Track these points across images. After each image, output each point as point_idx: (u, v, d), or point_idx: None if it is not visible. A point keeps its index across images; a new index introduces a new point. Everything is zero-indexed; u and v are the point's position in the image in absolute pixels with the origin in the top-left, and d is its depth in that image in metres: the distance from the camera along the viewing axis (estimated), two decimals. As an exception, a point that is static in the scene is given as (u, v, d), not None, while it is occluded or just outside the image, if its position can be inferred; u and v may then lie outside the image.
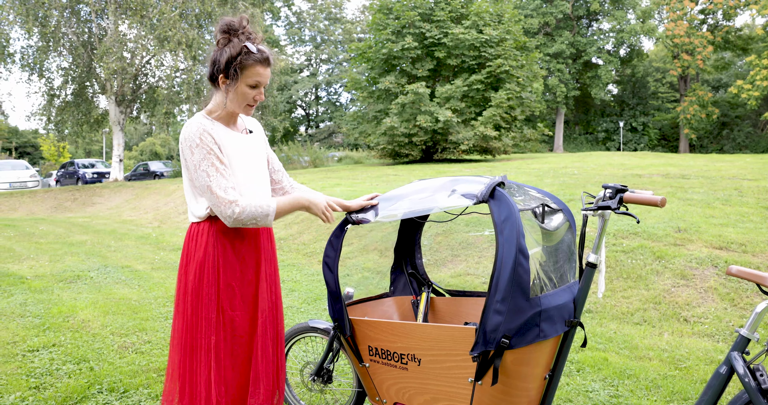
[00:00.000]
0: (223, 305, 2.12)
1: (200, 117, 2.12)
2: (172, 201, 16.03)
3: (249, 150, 2.21)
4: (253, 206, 2.02)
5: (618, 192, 1.94)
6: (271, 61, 2.10)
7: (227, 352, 2.12)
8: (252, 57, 2.05)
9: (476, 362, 1.94)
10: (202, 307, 2.11)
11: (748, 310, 4.72)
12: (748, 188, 9.16)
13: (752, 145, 40.05)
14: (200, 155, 2.03)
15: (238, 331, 2.14)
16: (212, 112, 2.16)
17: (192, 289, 2.12)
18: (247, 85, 2.07)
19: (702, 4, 40.23)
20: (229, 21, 2.08)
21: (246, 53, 2.04)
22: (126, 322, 4.86)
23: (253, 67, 2.05)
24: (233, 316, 2.14)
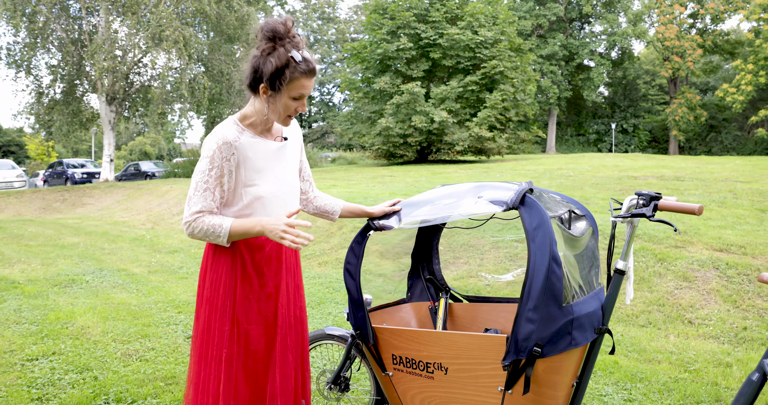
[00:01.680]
0: (239, 318, 2.06)
1: (231, 123, 2.04)
2: (166, 202, 15.90)
3: (280, 158, 2.12)
4: (206, 224, 1.96)
5: (652, 199, 1.93)
6: (316, 72, 2.00)
7: (239, 366, 2.06)
8: (298, 69, 1.94)
9: (507, 371, 1.92)
10: (216, 318, 2.06)
11: (751, 312, 4.75)
12: (742, 190, 9.23)
13: (739, 147, 40.47)
14: (204, 166, 1.99)
15: (252, 345, 2.07)
16: (247, 117, 2.07)
17: (207, 300, 2.08)
18: (291, 98, 1.98)
19: (691, 9, 40.57)
20: (274, 26, 1.96)
21: (293, 65, 1.93)
22: (127, 329, 4.75)
23: (299, 80, 1.96)
24: (248, 330, 2.07)
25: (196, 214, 1.97)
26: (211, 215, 1.99)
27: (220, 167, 1.98)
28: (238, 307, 2.06)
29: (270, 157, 2.09)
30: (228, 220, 1.99)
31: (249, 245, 2.08)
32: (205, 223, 1.97)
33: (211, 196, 1.99)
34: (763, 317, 4.62)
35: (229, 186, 2.02)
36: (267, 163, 2.07)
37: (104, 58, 21.00)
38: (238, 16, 21.76)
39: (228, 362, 2.04)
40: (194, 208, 1.97)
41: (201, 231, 1.97)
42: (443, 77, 24.82)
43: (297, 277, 2.25)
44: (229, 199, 2.06)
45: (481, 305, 2.74)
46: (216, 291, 2.06)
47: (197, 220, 1.97)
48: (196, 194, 1.98)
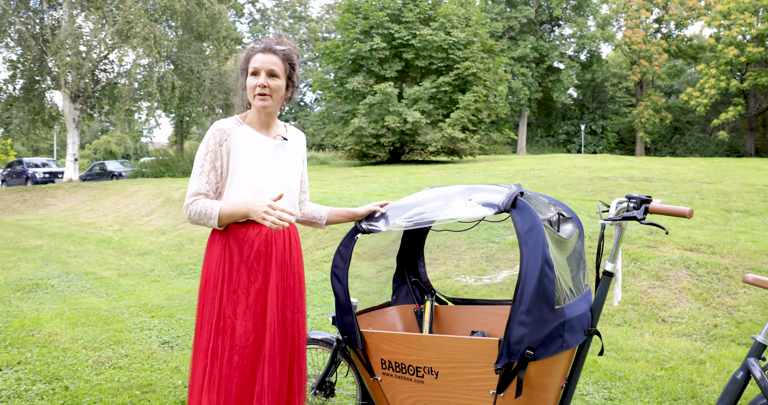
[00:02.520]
0: (225, 311, 2.10)
1: (231, 118, 2.20)
2: (134, 202, 15.55)
3: (278, 157, 2.22)
4: (200, 206, 2.09)
5: (643, 202, 1.95)
6: (273, 48, 2.13)
7: (224, 360, 2.07)
8: (254, 49, 2.16)
9: (499, 374, 1.92)
10: (205, 310, 2.13)
11: (720, 310, 4.86)
12: (708, 191, 9.47)
13: (702, 149, 41.56)
14: (202, 151, 2.14)
15: (239, 340, 2.08)
16: (245, 116, 2.24)
17: (199, 292, 2.18)
18: (250, 75, 2.14)
19: (657, 14, 41.53)
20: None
21: (251, 48, 2.17)
22: (98, 335, 4.58)
23: (253, 56, 2.15)
24: (235, 324, 2.10)
25: (192, 197, 2.11)
26: (206, 199, 2.12)
27: (214, 152, 2.11)
28: (225, 300, 2.10)
29: (266, 153, 2.19)
30: (219, 203, 2.10)
31: (238, 240, 2.13)
32: (199, 205, 2.09)
33: (206, 178, 2.12)
34: (732, 315, 4.74)
35: (222, 171, 2.13)
36: (263, 158, 2.17)
37: (68, 54, 20.42)
38: (209, 13, 21.43)
39: (213, 355, 2.08)
40: (191, 191, 2.12)
41: (196, 213, 2.09)
42: (416, 78, 24.89)
43: (294, 278, 2.23)
44: (224, 189, 2.15)
45: (467, 307, 2.73)
46: (206, 284, 2.14)
47: (194, 203, 2.10)
48: (194, 178, 2.13)
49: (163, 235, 10.83)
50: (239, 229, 2.13)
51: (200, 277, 2.22)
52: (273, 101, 2.16)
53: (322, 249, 8.00)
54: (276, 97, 2.16)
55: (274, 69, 2.12)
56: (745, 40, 35.14)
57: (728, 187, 9.81)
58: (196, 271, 7.56)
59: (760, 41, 34.99)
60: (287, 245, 2.21)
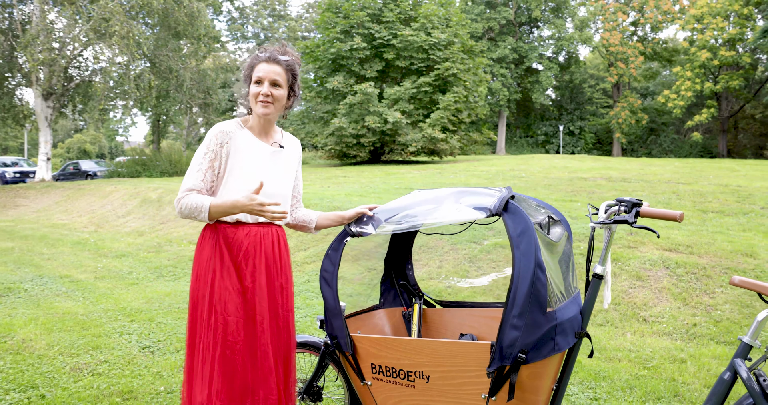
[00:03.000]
0: (217, 307, 2.14)
1: (232, 121, 2.27)
2: (110, 203, 15.29)
3: (274, 163, 2.29)
4: (192, 200, 2.13)
5: (634, 206, 1.96)
6: (277, 59, 2.22)
7: (216, 356, 2.12)
8: (258, 58, 2.24)
9: (491, 378, 1.91)
10: (197, 307, 2.17)
11: (699, 309, 4.94)
12: (684, 192, 9.64)
13: (676, 150, 42.29)
14: (202, 149, 2.21)
15: (231, 335, 2.14)
16: (247, 120, 2.32)
17: (192, 290, 2.21)
18: (254, 83, 2.23)
19: (633, 17, 42.16)
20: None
21: (255, 57, 2.25)
22: (76, 340, 4.44)
23: (257, 66, 2.23)
24: (227, 320, 2.14)
25: (185, 192, 2.16)
26: (198, 194, 2.17)
27: (214, 152, 2.19)
28: (216, 296, 2.15)
29: (263, 159, 2.26)
30: (208, 199, 2.15)
31: (228, 239, 2.20)
32: (190, 199, 2.14)
33: (202, 176, 2.18)
34: (710, 314, 4.81)
35: (219, 171, 2.20)
36: (259, 163, 2.24)
37: (39, 51, 19.94)
38: (188, 11, 21.15)
39: (205, 351, 2.13)
40: (185, 186, 2.17)
41: (187, 207, 2.14)
42: (397, 78, 24.91)
43: (283, 277, 2.27)
44: (218, 189, 2.21)
45: (455, 310, 2.73)
46: (197, 280, 2.20)
47: (186, 197, 2.15)
48: (190, 174, 2.19)
49: (141, 237, 10.67)
50: (229, 228, 2.20)
51: (191, 274, 2.26)
52: (274, 109, 2.24)
53: (304, 250, 7.95)
54: (278, 106, 2.26)
55: (277, 79, 2.21)
56: (718, 43, 35.86)
57: (704, 188, 9.99)
58: (176, 273, 7.46)
59: (731, 45, 35.75)
60: (275, 246, 2.27)
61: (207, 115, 26.51)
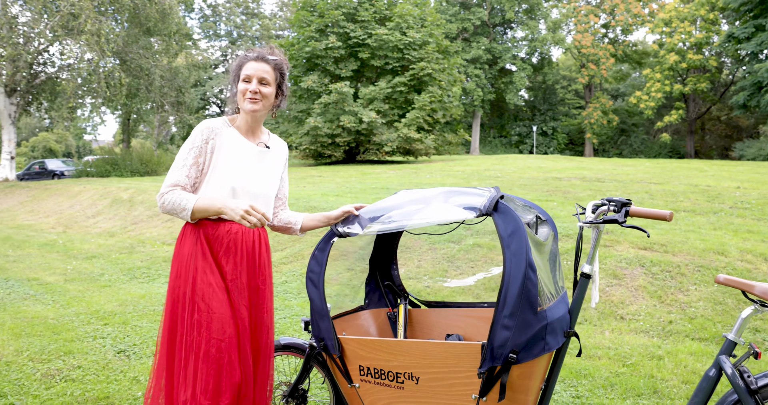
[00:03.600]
0: (199, 305, 2.11)
1: (221, 119, 2.27)
2: (78, 203, 14.92)
3: (259, 163, 2.28)
4: (176, 196, 2.12)
5: (623, 206, 1.97)
6: (265, 58, 2.24)
7: (200, 354, 2.09)
8: (247, 57, 2.26)
9: (482, 378, 1.90)
10: (177, 305, 2.14)
11: (674, 306, 5.02)
12: (657, 191, 9.82)
13: (646, 150, 43.18)
14: (188, 145, 2.20)
15: (215, 333, 2.11)
16: (234, 119, 2.31)
17: (172, 287, 2.17)
18: (242, 81, 2.23)
19: (604, 19, 42.91)
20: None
21: (243, 56, 2.27)
22: (46, 345, 4.29)
23: (246, 65, 2.24)
24: (211, 318, 2.11)
25: (170, 187, 2.15)
26: (183, 190, 2.15)
27: (199, 148, 2.18)
28: (199, 293, 2.11)
29: (249, 158, 2.25)
30: (195, 196, 2.14)
31: (209, 236, 2.17)
32: (174, 195, 2.13)
33: (187, 172, 2.17)
34: (685, 311, 4.90)
35: (203, 168, 2.18)
36: (245, 162, 2.23)
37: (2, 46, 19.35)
38: (159, 8, 20.78)
39: (188, 349, 2.10)
40: (170, 181, 2.16)
41: (170, 202, 2.12)
42: (372, 77, 24.88)
43: (260, 277, 2.24)
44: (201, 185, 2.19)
45: (441, 310, 2.72)
46: (177, 279, 2.16)
47: (169, 193, 2.14)
48: (175, 169, 2.17)
49: (112, 238, 10.44)
50: (210, 225, 2.18)
51: (170, 272, 2.22)
52: (262, 106, 2.24)
53: (281, 250, 7.87)
54: (266, 103, 2.25)
55: (265, 77, 2.22)
56: (686, 47, 36.74)
57: (675, 188, 10.18)
58: (150, 274, 7.31)
59: (698, 49, 36.65)
60: (256, 246, 2.25)
61: (180, 113, 26.09)
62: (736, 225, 6.94)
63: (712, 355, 3.99)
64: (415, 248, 6.99)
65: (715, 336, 4.36)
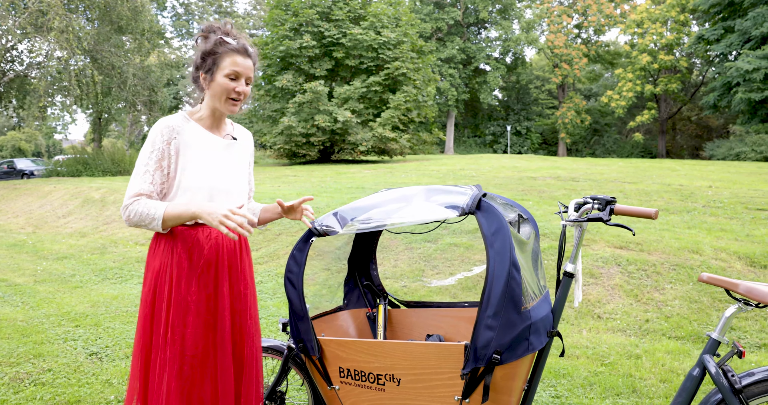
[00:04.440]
0: (174, 321, 1.96)
1: (178, 115, 2.05)
2: (49, 203, 14.58)
3: (225, 156, 2.10)
4: (141, 206, 1.93)
5: (608, 204, 1.95)
6: (249, 52, 2.03)
7: (173, 373, 1.95)
8: (228, 46, 1.99)
9: (464, 380, 1.87)
10: (153, 321, 1.99)
11: (650, 305, 5.07)
12: (630, 190, 9.94)
13: (619, 150, 43.84)
14: (147, 148, 1.98)
15: (188, 350, 1.97)
16: (195, 112, 2.09)
17: (144, 301, 2.01)
18: (226, 76, 1.98)
19: (577, 20, 43.48)
20: (210, 24, 2.05)
21: (221, 43, 1.99)
22: (15, 348, 4.18)
23: (230, 56, 1.98)
24: (184, 333, 1.97)
25: (133, 197, 1.95)
26: (149, 199, 1.96)
27: (161, 150, 1.96)
28: (174, 309, 1.97)
29: (216, 153, 2.07)
30: (164, 203, 1.95)
31: (187, 244, 2.00)
32: (140, 205, 1.94)
33: (150, 178, 1.96)
34: (661, 309, 4.94)
35: (169, 171, 1.98)
36: (212, 158, 2.05)
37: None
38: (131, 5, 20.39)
39: (161, 368, 1.96)
40: (132, 191, 1.96)
41: (136, 214, 1.93)
42: (346, 77, 24.79)
43: (245, 284, 2.12)
44: (170, 190, 2.00)
45: (420, 311, 2.68)
46: (153, 293, 1.99)
47: (134, 204, 1.94)
48: (136, 177, 1.97)
49: (84, 238, 10.20)
50: (187, 231, 2.00)
51: (143, 285, 2.05)
52: (239, 106, 2.08)
53: (255, 250, 7.76)
54: (243, 103, 2.10)
55: (250, 76, 2.05)
56: (657, 48, 37.41)
57: (648, 187, 10.33)
58: (122, 275, 7.15)
59: (669, 50, 37.35)
60: (237, 249, 2.12)
61: (152, 112, 25.65)
62: (709, 224, 7.05)
63: (690, 354, 4.02)
64: (391, 248, 6.95)
65: (691, 334, 4.41)
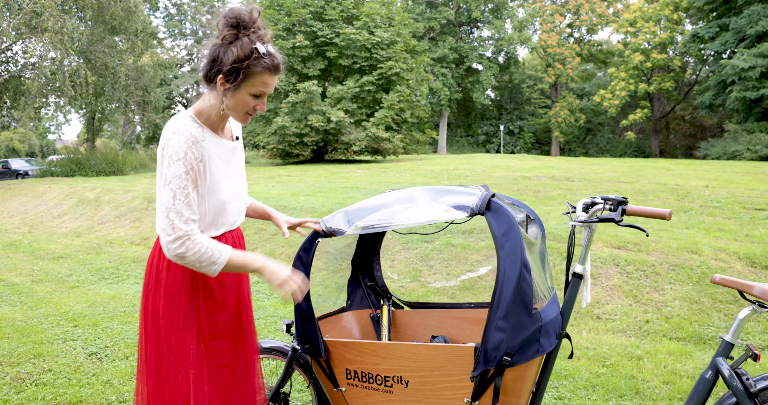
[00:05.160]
0: (204, 334, 1.86)
1: (189, 120, 1.81)
2: (44, 203, 14.49)
3: (234, 160, 1.96)
4: (204, 247, 1.72)
5: (620, 204, 1.94)
6: (280, 69, 1.83)
7: (212, 387, 1.86)
8: (262, 63, 1.75)
9: (474, 382, 1.86)
10: (177, 336, 1.83)
11: (650, 306, 5.07)
12: (626, 190, 9.96)
13: (612, 149, 43.99)
14: (177, 171, 1.72)
15: (220, 361, 1.89)
16: (202, 113, 1.85)
17: (164, 316, 1.84)
18: (250, 94, 1.79)
19: (569, 19, 43.62)
20: (239, 13, 1.77)
21: (256, 58, 1.74)
22: (15, 348, 4.16)
23: (261, 75, 1.77)
24: (215, 346, 1.89)
25: (186, 231, 1.70)
26: (202, 234, 1.76)
27: (195, 170, 1.75)
28: (202, 322, 1.86)
29: (227, 159, 1.91)
30: (227, 248, 1.76)
31: None
32: (202, 244, 1.71)
33: (195, 204, 1.75)
34: (661, 310, 4.95)
35: (201, 192, 1.79)
36: (224, 165, 1.88)
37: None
38: (124, 6, 20.27)
39: (198, 383, 1.82)
40: (187, 218, 1.71)
41: (195, 254, 1.70)
42: (340, 77, 24.75)
43: (246, 284, 2.09)
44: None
45: (425, 311, 2.67)
46: (173, 307, 1.83)
47: (193, 239, 1.70)
48: (181, 204, 1.71)
49: (79, 238, 10.13)
50: None
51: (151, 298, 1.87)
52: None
53: (251, 249, 7.73)
54: None
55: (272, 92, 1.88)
56: (650, 47, 37.56)
57: (644, 187, 10.35)
58: (119, 275, 7.10)
59: (663, 48, 37.50)
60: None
61: (146, 113, 25.52)
62: (707, 224, 7.07)
63: (691, 355, 4.03)
64: (388, 248, 6.93)
65: (692, 335, 4.41)
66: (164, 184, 1.73)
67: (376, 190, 10.85)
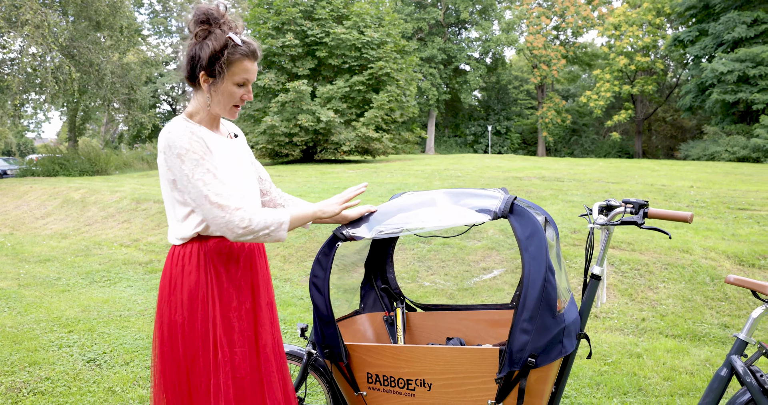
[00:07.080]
0: (221, 342, 1.83)
1: (183, 121, 1.83)
2: (25, 204, 14.25)
3: (237, 157, 1.96)
4: (263, 211, 1.78)
5: (641, 207, 1.97)
6: (258, 55, 1.87)
7: (230, 397, 1.82)
8: (239, 50, 1.80)
9: (499, 384, 1.87)
10: (197, 346, 1.81)
11: (645, 304, 5.14)
12: (616, 190, 10.07)
13: (597, 149, 44.46)
14: (192, 163, 1.75)
15: (238, 371, 1.85)
16: (193, 114, 1.89)
17: (182, 325, 1.81)
18: (234, 84, 1.83)
19: (555, 22, 44.00)
20: (206, 9, 1.81)
21: (232, 46, 1.79)
22: (8, 356, 4.03)
23: (241, 63, 1.81)
24: (233, 354, 1.85)
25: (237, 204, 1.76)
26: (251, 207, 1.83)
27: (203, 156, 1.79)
28: (218, 329, 1.83)
29: (227, 155, 1.91)
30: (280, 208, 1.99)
31: (223, 257, 1.87)
32: (258, 211, 1.79)
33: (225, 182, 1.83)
34: (656, 308, 5.02)
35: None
36: (227, 161, 1.89)
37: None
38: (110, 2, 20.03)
39: (216, 393, 1.80)
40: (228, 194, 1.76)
41: (261, 221, 1.77)
42: (329, 76, 24.71)
43: (271, 293, 2.05)
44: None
45: (439, 314, 2.68)
46: (192, 314, 1.81)
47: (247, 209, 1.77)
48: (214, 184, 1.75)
49: (65, 239, 9.99)
50: (221, 244, 1.87)
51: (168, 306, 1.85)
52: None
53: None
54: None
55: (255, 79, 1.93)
56: (633, 50, 38.07)
57: (632, 187, 10.47)
58: (110, 278, 7.02)
59: (645, 52, 38.03)
60: (263, 257, 2.05)
61: (132, 112, 25.24)
62: (695, 223, 7.18)
63: (688, 352, 4.09)
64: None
65: (687, 332, 4.48)
66: (188, 179, 1.75)
67: (370, 191, 10.84)
